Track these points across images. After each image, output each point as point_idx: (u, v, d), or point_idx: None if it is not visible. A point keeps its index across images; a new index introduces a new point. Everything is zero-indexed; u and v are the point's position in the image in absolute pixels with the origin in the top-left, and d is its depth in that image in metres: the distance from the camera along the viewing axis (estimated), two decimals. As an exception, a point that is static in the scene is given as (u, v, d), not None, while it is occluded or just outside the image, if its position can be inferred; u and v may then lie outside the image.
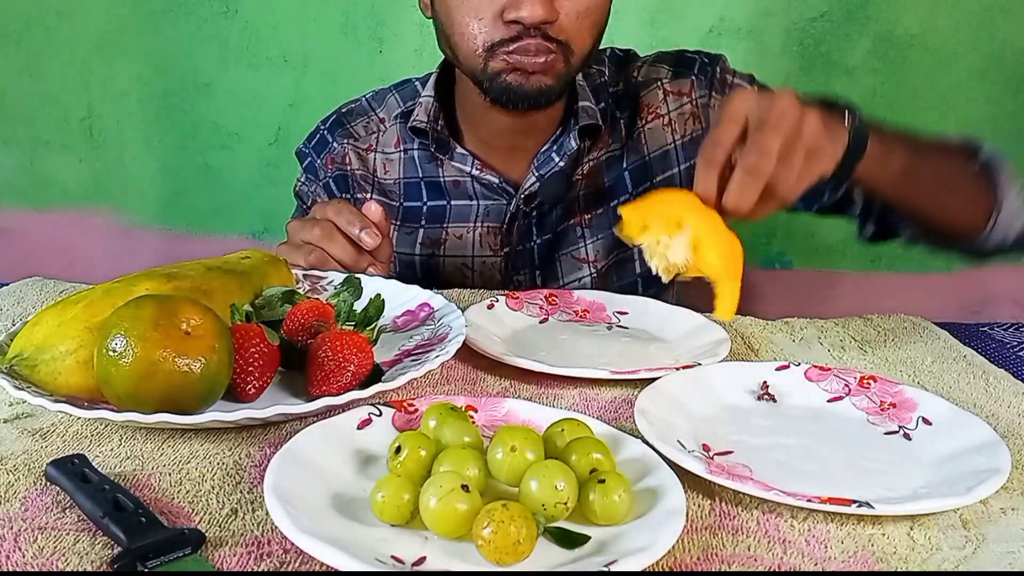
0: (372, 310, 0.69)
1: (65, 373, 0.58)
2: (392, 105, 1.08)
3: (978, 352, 0.79)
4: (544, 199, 1.02)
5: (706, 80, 1.04)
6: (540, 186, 1.01)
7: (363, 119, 1.09)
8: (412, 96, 1.07)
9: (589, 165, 1.03)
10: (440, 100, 1.02)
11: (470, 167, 1.02)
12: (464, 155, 1.02)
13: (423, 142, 1.03)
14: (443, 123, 1.02)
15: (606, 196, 1.04)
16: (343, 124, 1.09)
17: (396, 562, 0.44)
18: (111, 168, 1.65)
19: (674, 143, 1.04)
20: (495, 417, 0.58)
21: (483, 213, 1.04)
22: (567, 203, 1.04)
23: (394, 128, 1.07)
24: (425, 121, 1.01)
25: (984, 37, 1.49)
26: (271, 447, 0.57)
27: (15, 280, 0.92)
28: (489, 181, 1.02)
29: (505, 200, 1.03)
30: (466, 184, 1.03)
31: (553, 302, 0.87)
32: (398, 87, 1.10)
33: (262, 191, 1.62)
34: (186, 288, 0.63)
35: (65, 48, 1.58)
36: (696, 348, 0.75)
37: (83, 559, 0.45)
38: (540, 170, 1.01)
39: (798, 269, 1.61)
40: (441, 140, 1.02)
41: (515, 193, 1.02)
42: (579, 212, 1.04)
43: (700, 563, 0.46)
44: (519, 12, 0.86)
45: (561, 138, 1.01)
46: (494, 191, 1.03)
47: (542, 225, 1.04)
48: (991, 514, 0.52)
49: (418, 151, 1.05)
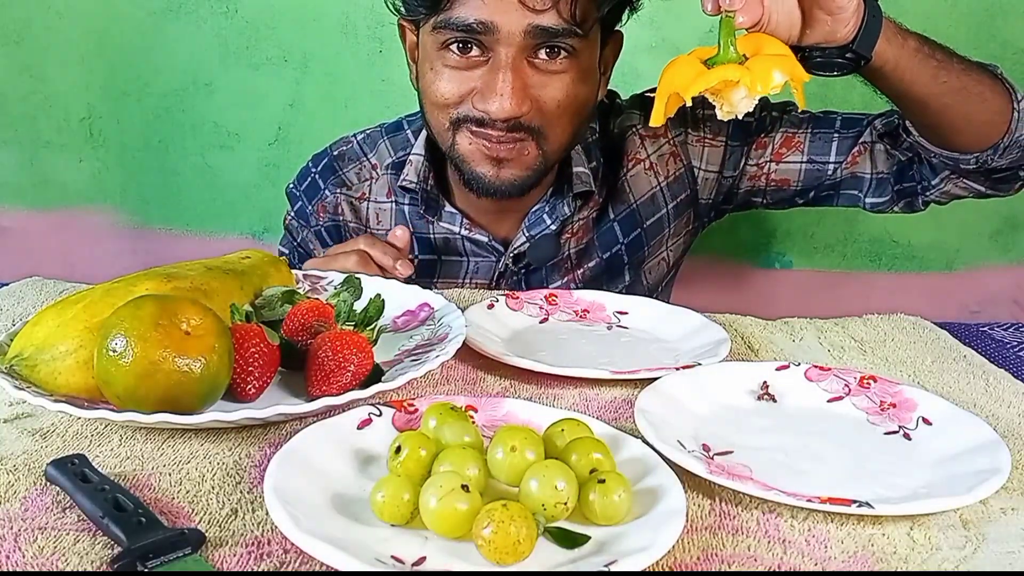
0: (372, 310, 0.69)
1: (65, 373, 0.58)
2: (384, 153, 1.07)
3: (978, 352, 0.79)
4: (532, 261, 1.02)
5: (678, 119, 1.03)
6: (529, 247, 1.01)
7: (355, 165, 1.08)
8: (403, 146, 1.06)
9: (579, 223, 1.03)
10: (430, 157, 1.02)
11: (459, 226, 1.01)
12: (453, 214, 1.01)
13: (413, 198, 1.03)
14: (432, 183, 1.02)
15: (597, 249, 1.05)
16: (335, 171, 1.07)
17: (396, 562, 0.44)
18: (111, 168, 1.64)
19: (659, 185, 1.05)
20: (495, 417, 0.58)
21: (472, 270, 1.05)
22: (557, 262, 1.04)
23: (385, 178, 1.06)
24: (415, 182, 1.01)
25: (984, 37, 1.49)
26: (271, 447, 0.57)
27: (15, 280, 0.92)
28: (478, 239, 1.02)
29: (494, 258, 1.03)
30: (456, 241, 1.03)
31: (553, 302, 0.87)
32: (390, 133, 1.08)
33: (262, 191, 1.62)
34: (186, 288, 0.63)
35: (65, 48, 1.58)
36: (696, 348, 0.75)
37: (83, 559, 0.45)
38: (531, 230, 1.00)
39: (798, 269, 1.61)
40: (430, 200, 1.02)
41: (504, 251, 1.02)
42: (571, 270, 1.04)
43: (700, 563, 0.46)
44: (486, 105, 0.85)
45: (553, 200, 1.00)
46: (483, 248, 1.03)
47: (531, 282, 1.04)
48: (991, 514, 0.52)
49: (408, 207, 1.05)
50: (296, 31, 1.55)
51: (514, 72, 0.84)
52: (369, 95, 1.54)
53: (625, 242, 1.04)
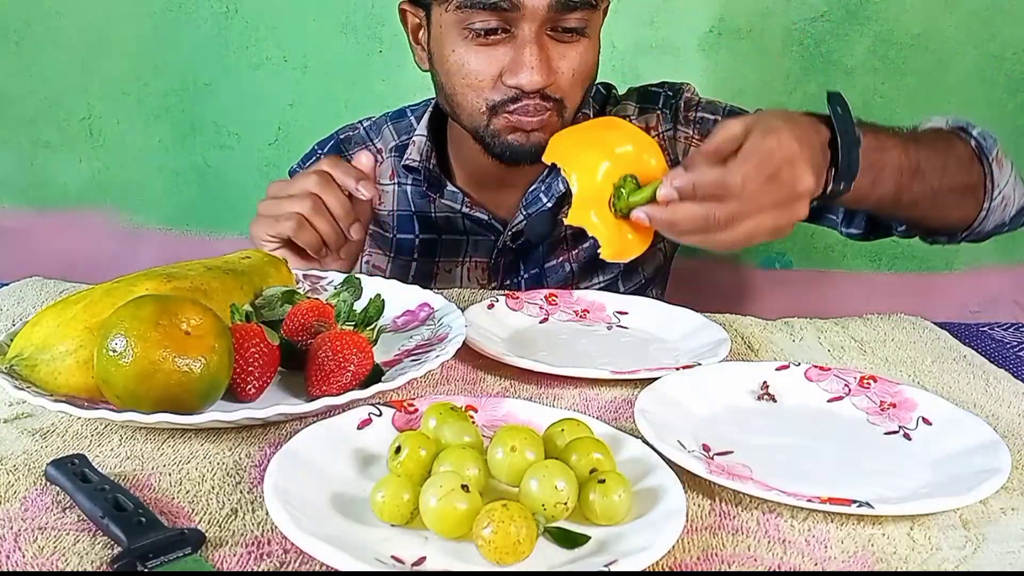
0: (372, 310, 0.69)
1: (65, 373, 0.58)
2: (388, 137, 1.10)
3: (978, 352, 0.79)
4: (530, 237, 1.03)
5: (670, 113, 1.04)
6: (527, 224, 1.02)
7: (360, 149, 1.09)
8: (407, 130, 1.09)
9: None
10: (433, 138, 1.04)
11: (460, 204, 1.03)
12: (455, 192, 1.03)
13: (416, 178, 1.05)
14: (435, 162, 1.04)
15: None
16: (341, 151, 1.10)
17: (396, 562, 0.44)
18: (111, 168, 1.64)
19: None
20: (495, 417, 0.58)
21: (472, 248, 1.06)
22: (554, 240, 1.05)
23: (389, 160, 1.08)
24: (418, 160, 1.03)
25: (984, 37, 1.49)
26: (271, 447, 0.57)
27: (15, 280, 0.92)
28: (478, 218, 1.03)
29: (493, 236, 1.05)
30: (456, 220, 1.05)
31: (553, 302, 0.87)
32: (394, 119, 1.11)
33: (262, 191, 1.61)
34: (186, 288, 0.63)
35: (65, 48, 1.58)
36: (696, 348, 0.75)
37: (83, 559, 0.45)
38: (528, 208, 1.02)
39: (798, 269, 1.61)
40: (433, 178, 1.03)
41: (503, 230, 1.03)
42: (567, 249, 1.05)
43: (700, 563, 0.46)
44: (518, 80, 0.87)
45: (549, 179, 1.01)
46: (483, 227, 1.04)
47: (528, 261, 1.05)
48: (991, 514, 0.52)
49: (411, 186, 1.07)
50: (296, 31, 1.55)
51: (539, 45, 0.87)
52: (369, 95, 1.54)
53: None
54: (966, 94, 1.52)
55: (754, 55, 1.52)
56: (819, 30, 1.51)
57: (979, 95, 1.53)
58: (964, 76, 1.52)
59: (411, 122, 1.09)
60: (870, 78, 1.52)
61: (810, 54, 1.52)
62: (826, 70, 1.52)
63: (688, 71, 1.46)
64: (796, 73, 1.52)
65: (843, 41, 1.51)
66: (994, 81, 1.52)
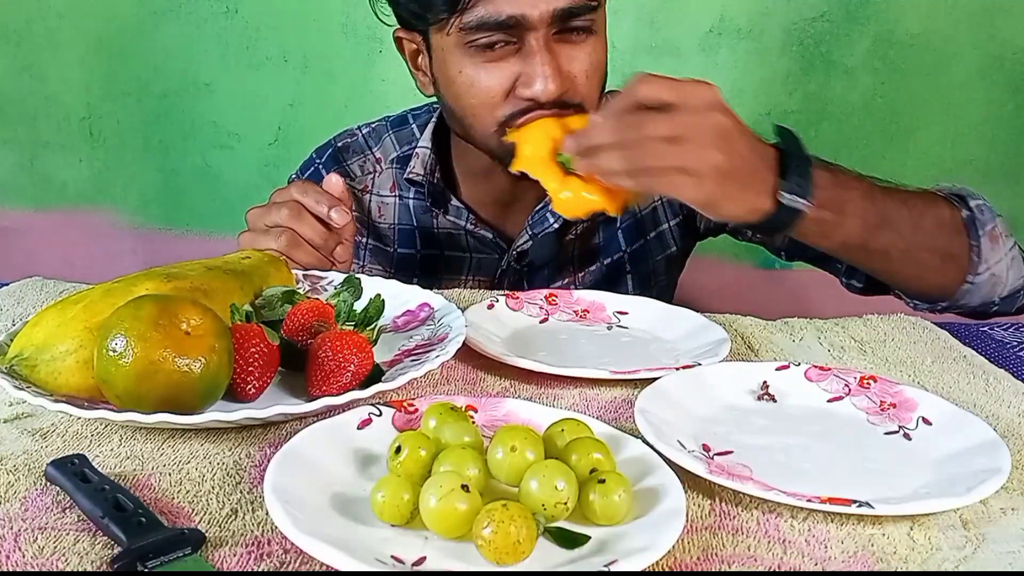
0: (372, 310, 0.69)
1: (65, 373, 0.58)
2: (388, 147, 1.07)
3: (978, 352, 0.79)
4: (535, 259, 1.02)
5: None
6: (532, 245, 1.01)
7: (359, 158, 1.07)
8: (409, 140, 1.05)
9: (584, 226, 1.03)
10: (436, 151, 1.01)
11: (465, 221, 1.01)
12: (459, 208, 1.01)
13: (419, 192, 1.03)
14: (439, 176, 1.01)
15: (599, 254, 1.04)
16: (339, 161, 1.07)
17: (396, 562, 0.44)
18: (111, 168, 1.65)
19: (660, 200, 1.05)
20: (495, 417, 0.58)
21: (475, 267, 1.04)
22: (559, 262, 1.03)
23: (389, 172, 1.06)
24: (422, 174, 1.00)
25: (984, 37, 1.49)
26: (271, 447, 0.57)
27: (15, 280, 0.92)
28: (483, 236, 1.02)
29: (497, 255, 1.03)
30: (460, 237, 1.03)
31: (553, 302, 0.87)
32: (395, 127, 1.08)
33: (262, 191, 1.61)
34: (186, 288, 0.63)
35: (65, 48, 1.58)
36: (696, 348, 0.75)
37: (83, 559, 0.45)
38: (534, 228, 1.00)
39: (798, 269, 1.61)
40: (437, 193, 1.01)
41: (507, 249, 1.02)
42: (573, 271, 1.04)
43: (700, 563, 0.46)
44: (533, 91, 0.84)
45: None
46: (487, 245, 1.03)
47: (533, 281, 1.04)
48: (991, 514, 0.52)
49: (413, 200, 1.04)
50: (296, 31, 1.55)
51: (549, 53, 0.85)
52: (369, 95, 1.54)
53: (628, 251, 1.04)
54: (966, 94, 1.53)
55: (754, 55, 1.52)
56: (819, 30, 1.51)
57: (979, 95, 1.53)
58: (964, 76, 1.52)
59: (413, 131, 1.06)
60: (870, 78, 1.52)
61: (810, 54, 1.52)
62: (826, 70, 1.52)
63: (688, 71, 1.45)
64: (796, 73, 1.53)
65: (843, 41, 1.51)
66: (994, 81, 1.52)
